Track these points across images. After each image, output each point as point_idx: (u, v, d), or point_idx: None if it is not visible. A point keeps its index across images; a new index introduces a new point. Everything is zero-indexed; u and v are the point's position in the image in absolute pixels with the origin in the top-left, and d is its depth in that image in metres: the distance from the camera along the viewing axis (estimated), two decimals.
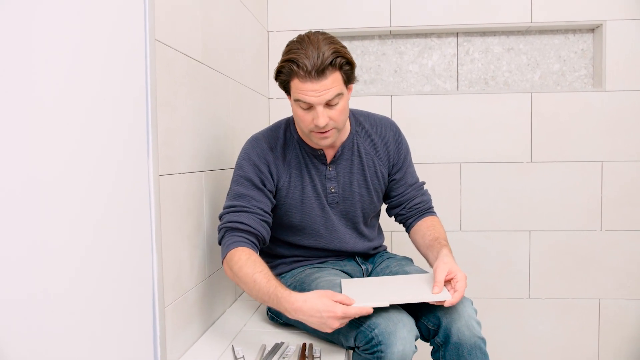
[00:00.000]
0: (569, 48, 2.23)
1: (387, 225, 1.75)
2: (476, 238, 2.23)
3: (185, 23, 1.28)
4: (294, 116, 1.33)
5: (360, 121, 1.46)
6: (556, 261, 2.20)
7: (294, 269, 1.47)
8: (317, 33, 1.25)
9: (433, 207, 1.51)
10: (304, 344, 1.25)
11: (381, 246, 1.57)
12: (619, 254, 2.18)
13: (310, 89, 1.22)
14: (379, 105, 2.20)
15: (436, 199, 1.62)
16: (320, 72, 1.20)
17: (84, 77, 0.85)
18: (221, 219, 1.33)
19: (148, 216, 1.07)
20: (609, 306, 2.20)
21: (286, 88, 1.29)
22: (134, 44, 1.02)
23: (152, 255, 1.08)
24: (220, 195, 1.54)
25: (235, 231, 1.28)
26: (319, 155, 1.40)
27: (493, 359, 1.27)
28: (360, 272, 1.47)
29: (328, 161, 1.41)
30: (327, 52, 1.20)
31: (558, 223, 2.19)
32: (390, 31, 2.22)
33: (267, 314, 1.49)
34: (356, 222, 1.46)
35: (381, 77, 2.30)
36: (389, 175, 1.47)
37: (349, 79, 1.27)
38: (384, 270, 1.44)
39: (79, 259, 0.83)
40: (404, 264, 1.43)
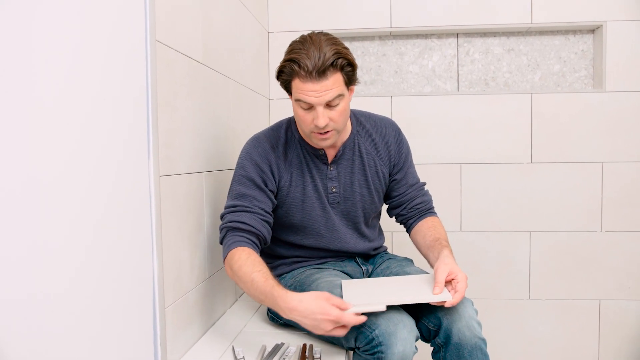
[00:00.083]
0: (569, 49, 2.23)
1: (387, 226, 1.75)
2: (476, 239, 2.23)
3: (186, 24, 1.28)
4: (294, 116, 1.34)
5: (361, 121, 1.46)
6: (556, 262, 2.20)
7: (294, 269, 1.47)
8: (320, 34, 1.25)
9: (434, 208, 1.51)
10: (304, 345, 1.25)
11: (381, 247, 1.57)
12: (619, 254, 2.18)
13: (310, 89, 1.22)
14: (379, 106, 2.20)
15: (436, 199, 1.62)
16: (321, 73, 1.20)
17: (84, 77, 0.85)
18: (222, 218, 1.33)
19: (148, 217, 1.07)
20: (609, 307, 2.20)
21: (287, 88, 1.29)
22: (135, 45, 1.02)
23: (153, 255, 1.08)
24: (220, 195, 1.54)
25: (236, 231, 1.29)
26: (320, 155, 1.40)
27: (493, 359, 1.27)
28: (361, 273, 1.47)
29: (329, 161, 1.41)
30: (328, 52, 1.20)
31: (558, 224, 2.19)
32: (391, 32, 2.23)
33: (267, 314, 1.48)
34: (357, 222, 1.46)
35: (381, 78, 2.30)
36: (389, 176, 1.47)
37: (350, 80, 1.27)
38: (384, 271, 1.44)
39: (79, 259, 0.83)
40: (404, 265, 1.43)
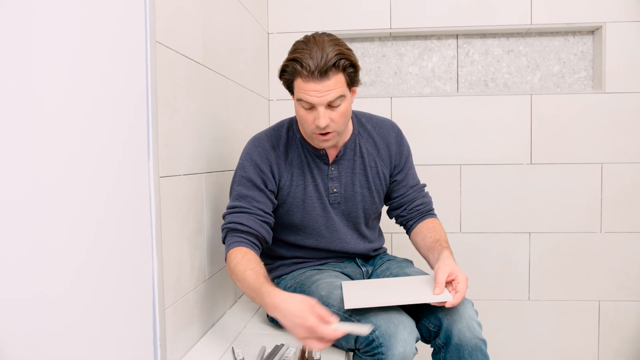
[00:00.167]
0: (569, 50, 2.24)
1: (387, 227, 1.75)
2: (476, 240, 2.23)
3: (186, 25, 1.28)
4: (296, 116, 1.34)
5: (362, 122, 1.46)
6: (556, 263, 2.20)
7: (294, 270, 1.47)
8: (323, 34, 1.26)
9: (434, 210, 1.51)
10: (304, 346, 1.24)
11: (381, 248, 1.57)
12: (619, 255, 2.18)
13: (312, 89, 1.22)
14: (378, 107, 2.20)
15: (436, 200, 1.62)
16: (323, 73, 1.20)
17: (85, 78, 0.85)
18: (224, 218, 1.35)
19: (148, 218, 1.07)
20: (609, 308, 2.20)
21: (290, 87, 1.30)
22: (135, 46, 1.02)
23: (152, 256, 1.08)
24: (220, 197, 1.54)
25: (235, 232, 1.30)
26: (321, 155, 1.40)
27: None
28: (361, 274, 1.47)
29: (330, 161, 1.41)
30: (331, 53, 1.20)
31: (558, 225, 2.19)
32: (390, 33, 2.23)
33: (267, 315, 1.48)
34: (357, 222, 1.46)
35: (381, 79, 2.30)
36: (390, 177, 1.47)
37: (352, 81, 1.27)
38: (384, 272, 1.44)
39: (79, 260, 0.83)
40: (404, 266, 1.43)
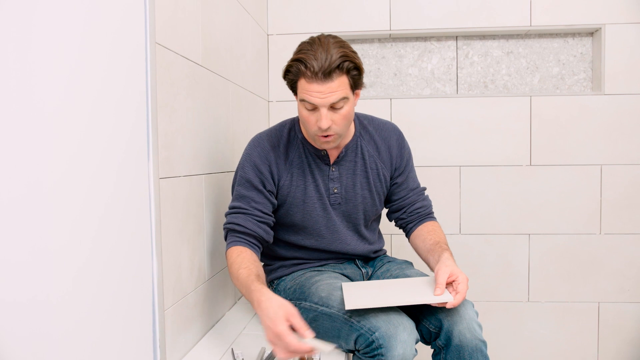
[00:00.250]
0: (568, 52, 2.24)
1: (386, 228, 1.75)
2: (476, 241, 2.23)
3: (186, 26, 1.29)
4: (299, 117, 1.34)
5: (364, 124, 1.46)
6: (556, 264, 2.21)
7: (294, 272, 1.46)
8: (329, 36, 1.26)
9: (433, 213, 1.51)
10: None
11: (381, 250, 1.57)
12: (619, 257, 2.18)
13: (315, 90, 1.22)
14: (378, 108, 2.20)
15: (436, 202, 1.62)
16: (327, 75, 1.21)
17: (85, 79, 0.85)
18: (226, 217, 1.38)
19: (148, 219, 1.07)
20: (609, 310, 2.20)
21: (293, 87, 1.30)
22: (135, 47, 1.02)
23: (152, 258, 1.08)
24: (220, 198, 1.54)
25: (234, 232, 1.34)
26: (322, 156, 1.40)
27: None
28: (361, 276, 1.47)
29: (331, 162, 1.41)
30: (335, 55, 1.21)
31: (557, 226, 2.19)
32: (390, 34, 2.23)
33: None
34: (357, 224, 1.46)
35: (381, 81, 2.31)
36: (390, 179, 1.47)
37: (356, 84, 1.28)
38: (384, 273, 1.44)
39: (79, 261, 0.83)
40: (404, 268, 1.43)
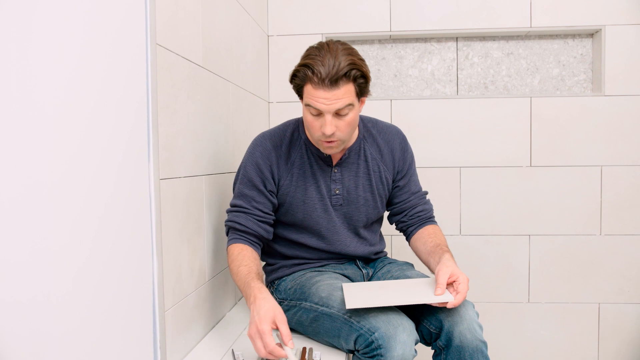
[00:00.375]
0: (569, 53, 2.24)
1: (386, 229, 1.75)
2: (476, 242, 2.23)
3: (186, 27, 1.29)
4: (304, 121, 1.35)
5: (368, 127, 1.47)
6: (556, 265, 2.21)
7: (294, 272, 1.47)
8: (338, 42, 1.26)
9: (434, 217, 1.51)
10: (304, 348, 1.24)
11: (382, 252, 1.57)
12: (619, 258, 2.18)
13: (321, 97, 1.23)
14: (378, 109, 2.20)
15: (436, 203, 1.62)
16: (334, 82, 1.21)
17: (86, 80, 0.85)
18: (227, 214, 1.41)
19: (148, 220, 1.07)
20: (609, 310, 2.20)
21: (299, 92, 1.31)
22: (135, 48, 1.02)
23: (153, 259, 1.08)
24: (220, 199, 1.54)
25: (234, 230, 1.38)
26: (324, 157, 1.41)
27: None
28: (361, 276, 1.47)
29: (334, 163, 1.42)
30: (343, 62, 1.21)
31: (557, 227, 2.19)
32: (390, 36, 2.23)
33: None
34: (358, 225, 1.46)
35: (381, 82, 2.31)
36: (393, 182, 1.48)
37: (362, 91, 1.28)
38: (385, 274, 1.44)
39: (79, 261, 0.83)
40: (405, 269, 1.43)
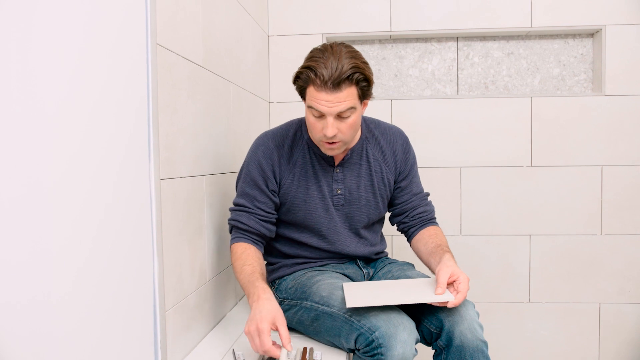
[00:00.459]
0: (569, 53, 2.24)
1: (387, 229, 1.75)
2: (476, 242, 2.23)
3: (187, 27, 1.29)
4: (306, 122, 1.35)
5: (370, 128, 1.47)
6: (556, 265, 2.20)
7: (295, 271, 1.47)
8: (342, 45, 1.26)
9: (436, 219, 1.51)
10: (305, 348, 1.24)
11: (383, 252, 1.57)
12: (619, 258, 2.18)
13: (324, 99, 1.23)
14: (379, 109, 2.20)
15: (436, 203, 1.62)
16: (336, 85, 1.21)
17: (86, 80, 0.85)
18: (230, 213, 1.42)
19: (149, 220, 1.07)
20: (609, 310, 2.20)
21: (302, 93, 1.31)
22: (136, 48, 1.02)
23: (153, 258, 1.08)
24: (221, 199, 1.54)
25: (237, 229, 1.40)
26: (327, 157, 1.41)
27: None
28: (362, 276, 1.47)
29: (336, 163, 1.42)
30: (346, 65, 1.21)
31: (558, 227, 2.19)
32: (391, 35, 2.23)
33: None
34: (359, 226, 1.46)
35: (381, 82, 2.31)
36: (394, 183, 1.48)
37: (364, 94, 1.28)
38: (385, 274, 1.44)
39: (79, 261, 0.83)
40: (405, 269, 1.43)
